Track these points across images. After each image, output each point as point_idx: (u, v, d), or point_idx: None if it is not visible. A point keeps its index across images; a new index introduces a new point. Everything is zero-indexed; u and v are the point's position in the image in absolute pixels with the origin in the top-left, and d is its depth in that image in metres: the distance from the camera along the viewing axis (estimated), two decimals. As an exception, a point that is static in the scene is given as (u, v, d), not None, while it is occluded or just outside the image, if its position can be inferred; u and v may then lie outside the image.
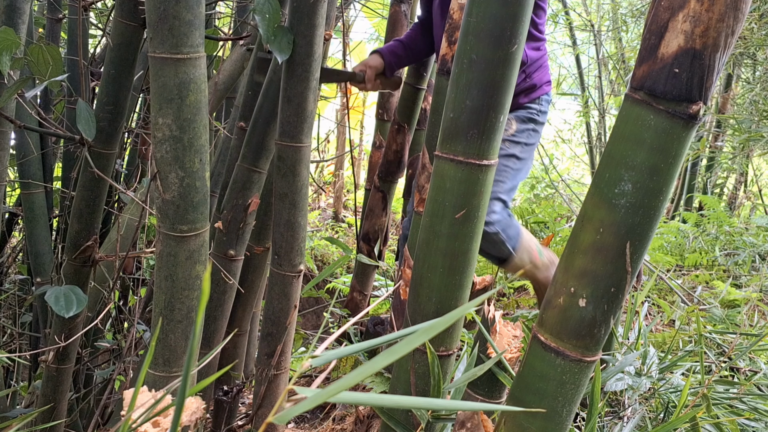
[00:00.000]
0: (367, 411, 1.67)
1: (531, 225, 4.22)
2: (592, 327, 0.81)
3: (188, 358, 0.43)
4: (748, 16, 3.17)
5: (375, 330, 2.03)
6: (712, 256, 3.45)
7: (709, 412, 1.28)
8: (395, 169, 2.35)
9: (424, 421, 0.98)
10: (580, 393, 0.85)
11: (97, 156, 1.60)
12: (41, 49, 1.53)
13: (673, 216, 4.84)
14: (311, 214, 5.42)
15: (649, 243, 0.81)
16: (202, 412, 0.90)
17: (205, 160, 1.19)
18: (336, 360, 0.50)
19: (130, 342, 1.77)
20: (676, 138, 0.76)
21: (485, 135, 0.95)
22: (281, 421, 0.42)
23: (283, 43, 1.41)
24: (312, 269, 3.94)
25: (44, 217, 2.05)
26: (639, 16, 4.58)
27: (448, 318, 0.44)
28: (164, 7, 1.11)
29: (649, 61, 0.76)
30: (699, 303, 2.58)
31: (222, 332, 1.83)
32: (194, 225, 1.20)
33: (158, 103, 1.15)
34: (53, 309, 1.53)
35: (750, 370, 1.70)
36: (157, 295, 1.23)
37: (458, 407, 0.51)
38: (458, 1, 1.23)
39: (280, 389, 1.66)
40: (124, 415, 0.73)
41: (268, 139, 1.67)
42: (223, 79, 2.20)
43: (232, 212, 1.76)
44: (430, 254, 1.01)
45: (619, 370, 1.39)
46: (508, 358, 1.00)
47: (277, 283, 1.60)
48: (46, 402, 1.78)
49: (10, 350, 2.41)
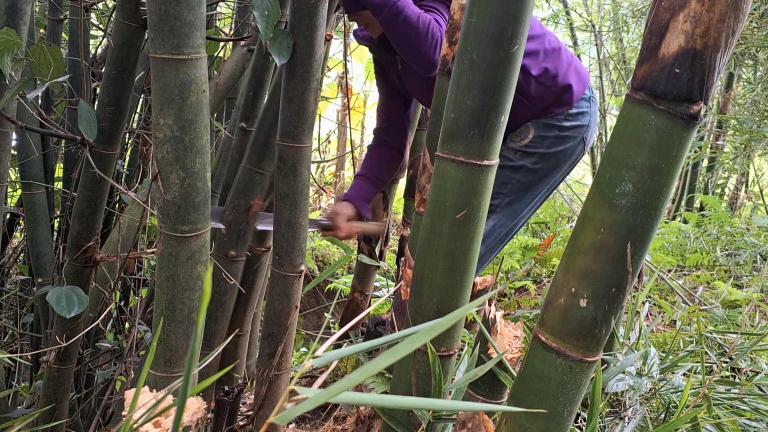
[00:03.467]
0: (368, 411, 1.67)
1: (532, 225, 4.22)
2: (593, 327, 0.81)
3: (190, 359, 0.43)
4: (749, 16, 3.17)
5: (376, 330, 2.03)
6: (713, 257, 3.45)
7: (710, 412, 1.28)
8: (397, 171, 2.34)
9: (425, 421, 0.98)
10: (581, 393, 0.85)
11: (99, 156, 1.61)
12: (42, 49, 1.54)
13: (674, 216, 4.84)
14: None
15: (650, 243, 0.81)
16: (203, 413, 0.90)
17: (206, 161, 1.19)
18: (337, 360, 0.50)
19: (132, 342, 1.77)
20: (676, 138, 0.76)
21: (486, 135, 0.95)
22: (282, 421, 0.43)
23: (282, 46, 1.41)
24: (313, 269, 3.94)
25: (45, 218, 2.05)
26: (640, 17, 4.58)
27: (449, 318, 0.44)
28: (165, 7, 1.11)
29: (650, 62, 0.76)
30: (700, 303, 2.58)
31: (223, 333, 1.84)
32: (195, 225, 1.20)
33: (159, 104, 1.15)
34: (54, 309, 1.54)
35: (751, 370, 1.70)
36: (158, 296, 1.23)
37: (459, 407, 0.51)
38: (459, 1, 1.23)
39: (281, 389, 1.66)
40: (125, 416, 0.73)
41: (273, 142, 1.67)
42: (224, 80, 2.20)
43: (234, 213, 1.76)
44: (431, 254, 1.01)
45: (620, 371, 1.39)
46: (509, 359, 1.00)
47: (278, 284, 1.60)
48: (47, 402, 1.79)
49: (11, 351, 2.41)
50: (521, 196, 1.86)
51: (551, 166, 1.86)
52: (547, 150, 1.83)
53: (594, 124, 1.91)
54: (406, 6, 1.63)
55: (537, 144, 1.83)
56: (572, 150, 1.87)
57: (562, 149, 1.85)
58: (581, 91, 1.86)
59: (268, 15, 1.38)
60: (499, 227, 1.86)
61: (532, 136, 1.82)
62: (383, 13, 1.64)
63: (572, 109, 1.84)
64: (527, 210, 1.91)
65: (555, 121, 1.83)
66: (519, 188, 1.84)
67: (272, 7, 1.39)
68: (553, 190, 1.98)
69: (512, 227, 1.91)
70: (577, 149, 1.88)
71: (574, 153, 1.88)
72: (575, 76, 1.85)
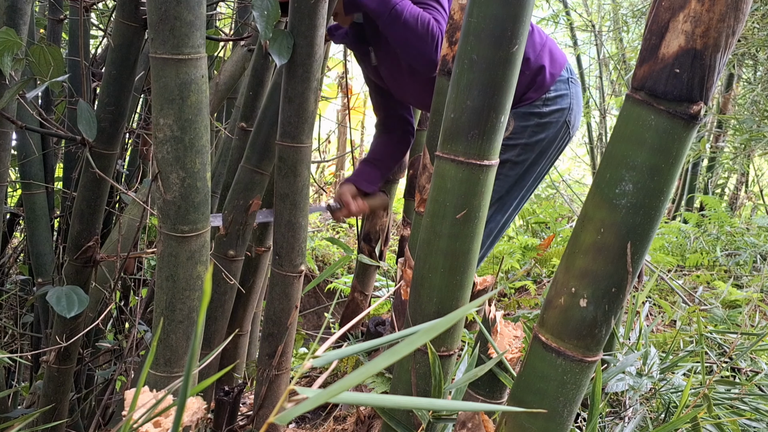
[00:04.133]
0: (368, 411, 1.67)
1: (532, 225, 4.22)
2: (593, 327, 0.81)
3: (190, 359, 0.43)
4: (749, 16, 3.17)
5: (376, 330, 2.03)
6: (713, 257, 3.45)
7: (710, 412, 1.28)
8: (396, 170, 2.35)
9: (425, 421, 0.98)
10: (581, 393, 0.85)
11: (99, 156, 1.61)
12: (42, 49, 1.54)
13: (674, 216, 4.84)
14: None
15: (650, 243, 0.81)
16: (203, 413, 0.90)
17: (206, 161, 1.19)
18: (337, 361, 0.50)
19: (132, 342, 1.77)
20: (677, 138, 0.76)
21: (486, 135, 0.95)
22: (282, 421, 0.43)
23: (282, 46, 1.41)
24: (313, 269, 3.94)
25: (45, 218, 2.05)
26: (640, 17, 4.58)
27: (449, 318, 0.44)
28: (165, 7, 1.11)
29: (650, 62, 0.76)
30: (700, 303, 2.58)
31: (223, 332, 1.84)
32: (195, 225, 1.20)
33: (159, 104, 1.15)
34: (54, 309, 1.54)
35: (751, 370, 1.70)
36: (158, 296, 1.23)
37: (459, 407, 0.51)
38: (459, 1, 1.23)
39: (281, 389, 1.66)
40: (125, 416, 0.73)
41: (272, 142, 1.67)
42: (224, 80, 2.20)
43: (233, 213, 1.76)
44: (431, 254, 1.01)
45: (620, 371, 1.39)
46: (509, 359, 1.00)
47: (278, 284, 1.60)
48: (47, 402, 1.79)
49: (11, 350, 2.41)
50: (509, 190, 1.82)
51: (536, 155, 1.80)
52: (529, 140, 1.77)
53: (577, 106, 1.84)
54: (405, 8, 1.63)
55: (518, 135, 1.77)
56: (555, 136, 1.80)
57: (544, 136, 1.78)
58: (557, 73, 1.79)
59: (268, 15, 1.38)
60: (490, 224, 1.83)
61: (512, 128, 1.76)
62: (384, 17, 1.64)
63: (550, 93, 1.77)
64: (517, 203, 1.88)
65: (533, 108, 1.76)
66: (506, 183, 1.80)
67: (272, 7, 1.38)
68: (541, 179, 1.92)
69: (504, 223, 1.89)
70: (561, 134, 1.82)
71: (557, 138, 1.82)
72: (548, 58, 1.78)
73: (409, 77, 1.83)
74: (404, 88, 1.89)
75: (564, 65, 1.82)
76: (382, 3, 1.63)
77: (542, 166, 1.85)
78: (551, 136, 1.80)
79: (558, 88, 1.79)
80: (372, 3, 1.65)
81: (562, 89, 1.79)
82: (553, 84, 1.78)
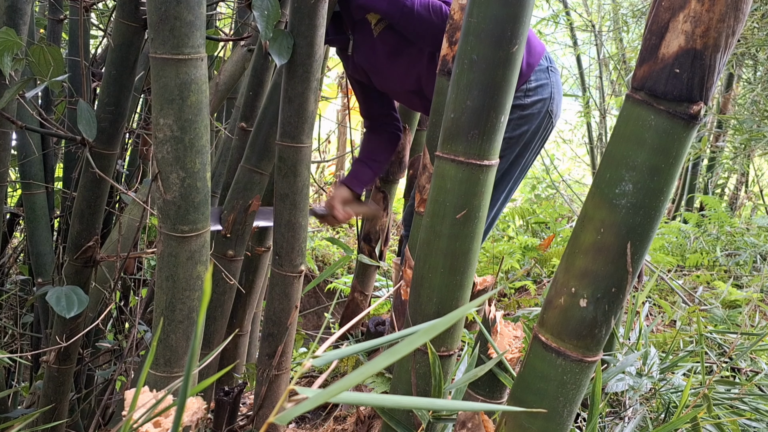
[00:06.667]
0: (368, 411, 1.67)
1: (532, 225, 4.22)
2: (593, 327, 0.81)
3: (190, 359, 0.43)
4: (749, 16, 3.17)
5: (376, 330, 2.03)
6: (713, 257, 3.45)
7: (710, 412, 1.28)
8: (396, 170, 2.35)
9: (425, 421, 0.98)
10: (581, 393, 0.85)
11: (99, 156, 1.61)
12: (42, 49, 1.54)
13: (674, 216, 4.84)
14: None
15: (650, 243, 0.81)
16: (203, 413, 0.90)
17: (206, 161, 1.19)
18: (337, 360, 0.50)
19: (131, 342, 1.77)
20: (676, 138, 0.76)
21: (486, 135, 0.95)
22: (282, 421, 0.43)
23: (282, 46, 1.41)
24: (313, 270, 3.94)
25: (45, 218, 2.05)
26: (640, 17, 4.58)
27: (449, 318, 0.44)
28: (165, 7, 1.11)
29: (650, 62, 0.76)
30: (700, 303, 2.58)
31: (222, 332, 1.84)
32: (195, 225, 1.20)
33: (159, 104, 1.15)
34: (54, 309, 1.54)
35: (751, 370, 1.70)
36: (158, 296, 1.23)
37: (459, 407, 0.51)
38: (459, 2, 1.23)
39: (281, 389, 1.66)
40: (125, 416, 0.73)
41: (272, 142, 1.67)
42: (224, 80, 2.20)
43: (233, 213, 1.76)
44: (431, 254, 1.01)
45: (620, 371, 1.39)
46: (508, 359, 1.00)
47: (278, 284, 1.60)
48: (47, 402, 1.79)
49: (11, 351, 2.41)
50: (496, 185, 1.79)
51: (521, 148, 1.78)
52: (512, 133, 1.74)
53: (558, 95, 1.81)
54: (414, 2, 1.63)
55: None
56: (538, 126, 1.78)
57: (527, 128, 1.76)
58: (535, 62, 1.76)
59: (268, 15, 1.38)
60: None
61: None
62: (396, 17, 1.66)
63: (530, 83, 1.74)
64: (504, 198, 1.87)
65: (515, 100, 1.72)
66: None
67: (272, 7, 1.38)
68: (526, 171, 1.91)
69: (492, 219, 1.89)
70: (544, 124, 1.80)
71: (541, 129, 1.79)
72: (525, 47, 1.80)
73: (386, 59, 1.82)
74: (384, 73, 1.87)
75: (542, 54, 1.80)
76: (392, 3, 1.65)
77: (527, 158, 1.84)
78: (534, 127, 1.78)
79: (538, 77, 1.76)
80: (382, 4, 1.66)
81: (542, 79, 1.77)
82: (532, 74, 1.76)
